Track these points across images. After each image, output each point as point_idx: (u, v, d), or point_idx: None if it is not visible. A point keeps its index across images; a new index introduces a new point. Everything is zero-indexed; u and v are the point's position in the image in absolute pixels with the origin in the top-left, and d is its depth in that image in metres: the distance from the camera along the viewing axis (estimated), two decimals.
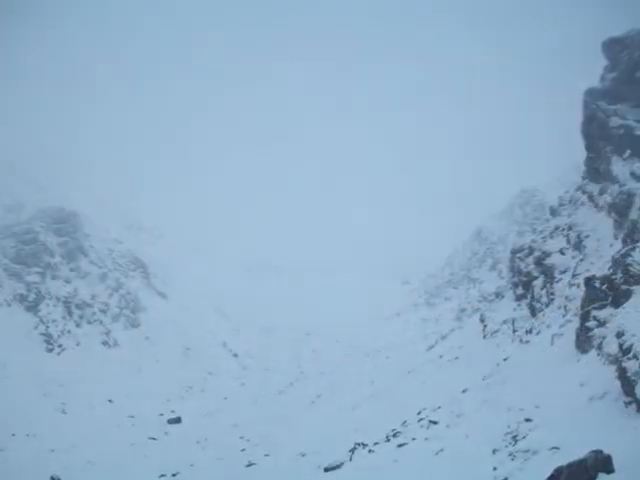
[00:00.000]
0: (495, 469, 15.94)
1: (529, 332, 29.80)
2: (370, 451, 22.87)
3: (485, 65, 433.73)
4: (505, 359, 28.24)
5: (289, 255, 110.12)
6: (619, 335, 17.29)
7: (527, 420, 18.23)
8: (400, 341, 61.83)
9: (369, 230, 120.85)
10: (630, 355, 15.94)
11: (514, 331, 32.06)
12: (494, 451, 17.22)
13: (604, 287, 21.56)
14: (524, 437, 17.23)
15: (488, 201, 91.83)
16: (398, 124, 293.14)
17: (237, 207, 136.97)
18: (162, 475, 27.68)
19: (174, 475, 27.63)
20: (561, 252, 31.64)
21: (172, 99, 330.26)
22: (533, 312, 31.69)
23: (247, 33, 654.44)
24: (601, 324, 20.48)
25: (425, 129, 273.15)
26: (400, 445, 22.08)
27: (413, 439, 22.24)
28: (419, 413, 25.52)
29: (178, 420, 40.89)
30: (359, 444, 23.73)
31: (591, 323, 21.04)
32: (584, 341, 21.23)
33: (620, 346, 16.80)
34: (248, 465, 27.13)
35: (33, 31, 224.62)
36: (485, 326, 37.27)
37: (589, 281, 22.54)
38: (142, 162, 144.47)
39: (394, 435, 23.70)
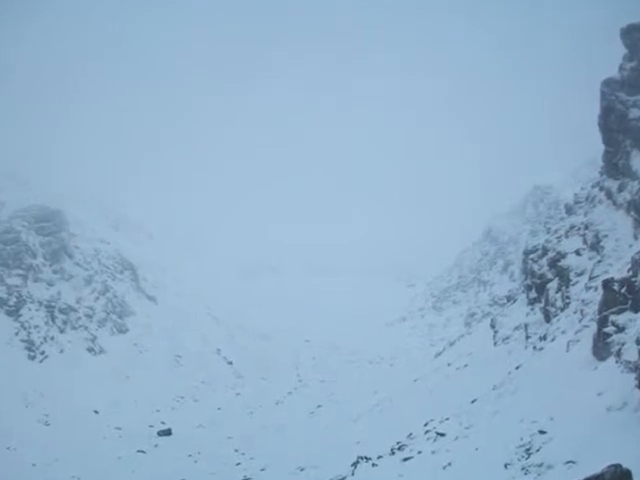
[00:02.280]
0: None
1: (543, 338, 29.74)
2: (374, 465, 22.87)
3: (490, 60, 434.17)
4: (517, 367, 28.20)
5: (287, 256, 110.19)
6: (639, 341, 17.24)
7: (541, 432, 18.18)
8: (405, 348, 62.02)
9: (371, 230, 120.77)
10: None
11: (527, 337, 32.03)
12: (506, 465, 17.19)
13: (623, 290, 21.51)
14: (538, 450, 17.19)
15: (497, 199, 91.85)
16: (401, 120, 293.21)
17: (232, 205, 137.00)
18: None
19: None
20: (577, 253, 31.56)
21: (168, 95, 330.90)
22: (547, 317, 31.64)
23: (246, 29, 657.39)
24: (620, 330, 20.44)
25: (428, 125, 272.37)
26: (405, 459, 22.09)
27: (419, 452, 22.24)
28: (426, 425, 25.51)
29: (169, 432, 40.88)
30: (362, 458, 23.72)
31: (609, 328, 21.00)
32: (602, 348, 21.18)
33: None
34: None
35: (16, 24, 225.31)
36: (496, 332, 37.25)
37: (607, 284, 22.49)
38: (132, 160, 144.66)
39: (399, 448, 23.70)
